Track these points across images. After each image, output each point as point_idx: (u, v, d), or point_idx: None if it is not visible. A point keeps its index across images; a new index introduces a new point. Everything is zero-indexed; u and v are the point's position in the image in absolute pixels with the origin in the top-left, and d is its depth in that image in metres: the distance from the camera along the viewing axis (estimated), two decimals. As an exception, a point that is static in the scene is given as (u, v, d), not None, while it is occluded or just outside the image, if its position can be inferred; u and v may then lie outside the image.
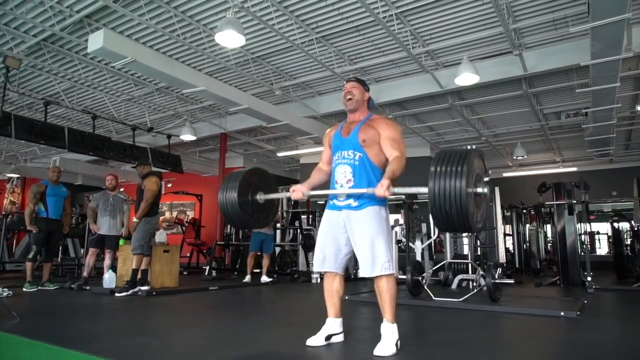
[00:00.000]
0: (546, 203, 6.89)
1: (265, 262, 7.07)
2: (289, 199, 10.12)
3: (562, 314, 3.68)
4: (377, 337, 2.42)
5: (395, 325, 2.40)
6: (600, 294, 5.71)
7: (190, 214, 14.57)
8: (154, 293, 5.13)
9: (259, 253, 7.27)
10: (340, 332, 2.62)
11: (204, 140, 11.82)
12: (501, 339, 3.18)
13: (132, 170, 13.14)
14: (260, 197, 2.77)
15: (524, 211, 10.40)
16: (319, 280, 7.57)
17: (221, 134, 10.77)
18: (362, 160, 2.49)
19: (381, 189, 2.26)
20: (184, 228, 12.00)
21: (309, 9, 5.91)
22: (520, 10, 5.89)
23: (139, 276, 5.27)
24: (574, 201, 6.42)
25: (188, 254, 11.38)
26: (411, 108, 9.53)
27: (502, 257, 7.30)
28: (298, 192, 2.63)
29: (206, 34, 6.45)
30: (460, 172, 1.99)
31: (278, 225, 9.08)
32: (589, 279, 6.04)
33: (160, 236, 6.05)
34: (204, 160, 13.90)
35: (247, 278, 6.92)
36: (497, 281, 4.33)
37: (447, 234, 6.24)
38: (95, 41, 5.44)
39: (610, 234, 10.38)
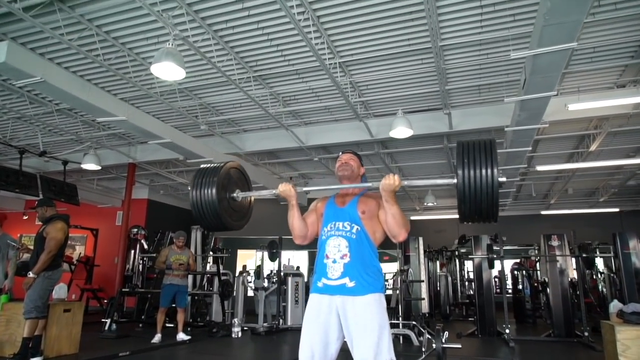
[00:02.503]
0: (471, 256, 7.19)
1: (181, 318, 6.25)
2: (204, 237, 9.36)
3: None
4: None
5: None
6: (522, 348, 5.97)
7: (80, 249, 12.83)
8: (50, 369, 4.17)
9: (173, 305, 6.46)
10: None
11: (106, 168, 10.56)
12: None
13: (8, 195, 11.27)
14: (238, 194, 2.52)
15: (436, 256, 10.89)
16: (239, 335, 6.95)
17: (129, 164, 9.72)
18: (360, 234, 2.23)
19: (390, 178, 2.13)
20: (72, 267, 10.45)
21: (251, 47, 5.62)
22: (453, 74, 6.24)
23: (30, 345, 4.27)
24: (495, 255, 6.80)
25: (74, 296, 9.91)
26: (336, 152, 9.54)
27: (425, 307, 7.43)
28: (286, 185, 2.38)
29: (131, 58, 5.77)
30: (489, 161, 2.04)
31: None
32: (507, 331, 6.35)
33: (60, 291, 5.05)
34: (102, 190, 12.42)
35: (157, 338, 5.96)
36: (445, 346, 4.27)
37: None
38: (-5, 54, 4.51)
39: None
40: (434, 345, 4.30)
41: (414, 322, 5.24)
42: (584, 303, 6.48)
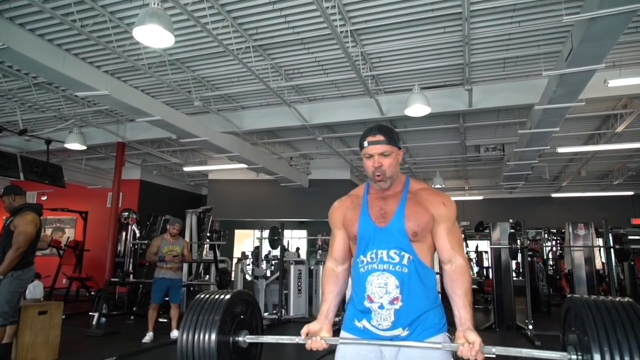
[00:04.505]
0: (493, 246, 6.62)
1: (175, 314, 5.68)
2: (200, 221, 8.76)
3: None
4: None
5: None
6: (548, 347, 5.46)
7: (69, 233, 12.23)
8: (21, 384, 3.61)
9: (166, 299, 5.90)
10: None
11: (93, 147, 9.85)
12: None
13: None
14: (245, 339, 1.71)
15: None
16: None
17: (118, 143, 9.02)
18: (413, 265, 1.58)
19: (468, 348, 1.45)
20: (61, 252, 9.87)
21: (250, 12, 4.90)
22: (478, 45, 5.55)
23: (-2, 355, 3.70)
24: (518, 246, 6.24)
25: (64, 281, 9.38)
26: (341, 132, 8.91)
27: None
28: (317, 342, 1.61)
29: (113, 24, 5.02)
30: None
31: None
32: (530, 327, 5.85)
33: (35, 290, 4.44)
34: (91, 170, 11.74)
35: (148, 337, 5.42)
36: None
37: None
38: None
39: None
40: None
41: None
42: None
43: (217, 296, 1.67)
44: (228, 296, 1.67)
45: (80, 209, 10.59)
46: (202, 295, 1.70)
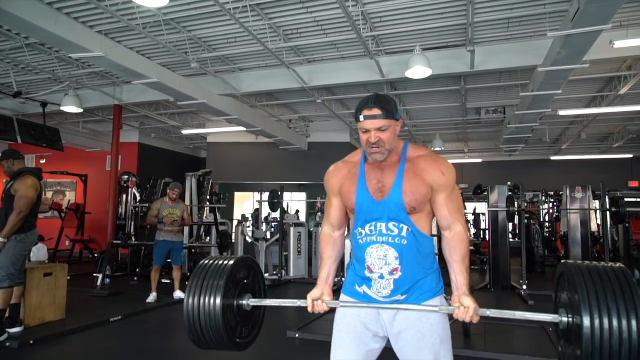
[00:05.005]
0: (490, 209, 6.69)
1: (177, 275, 5.81)
2: (200, 184, 8.78)
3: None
4: None
5: None
6: (541, 306, 5.62)
7: (70, 195, 12.30)
8: (31, 342, 3.72)
9: (168, 261, 6.02)
10: None
11: (90, 110, 9.74)
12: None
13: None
14: (249, 302, 1.74)
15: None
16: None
17: (115, 105, 8.91)
18: (411, 236, 1.58)
19: (463, 311, 1.48)
20: (62, 214, 9.96)
21: (247, -32, 4.72)
22: (481, 4, 5.38)
23: (6, 315, 3.81)
24: (515, 209, 6.30)
25: (67, 243, 9.53)
26: (341, 94, 8.80)
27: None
28: (319, 306, 1.66)
29: (105, -18, 4.86)
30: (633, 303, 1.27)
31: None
32: (524, 287, 6.00)
33: (39, 253, 4.52)
34: (89, 133, 11.66)
35: (152, 297, 5.58)
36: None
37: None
38: None
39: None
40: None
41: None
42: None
43: (221, 262, 1.70)
44: (231, 262, 1.70)
45: (80, 171, 10.61)
46: (206, 261, 1.73)
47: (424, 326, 1.58)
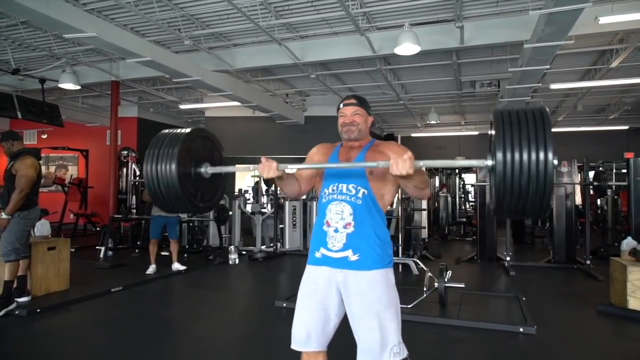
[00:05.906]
0: (480, 183, 6.88)
1: (174, 248, 6.08)
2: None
3: (520, 329, 3.55)
4: None
5: None
6: (522, 277, 5.89)
7: (72, 170, 12.56)
8: (38, 310, 4.01)
9: (166, 235, 6.29)
10: None
11: (88, 86, 9.85)
12: None
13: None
14: (207, 169, 2.03)
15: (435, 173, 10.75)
16: (237, 262, 6.90)
17: (112, 81, 9.02)
18: (367, 199, 1.87)
19: (398, 165, 1.57)
20: (66, 189, 10.24)
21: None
22: (470, -21, 5.42)
23: (14, 285, 4.10)
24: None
25: (71, 216, 9.83)
26: (335, 69, 8.86)
27: (424, 233, 7.32)
28: (271, 165, 1.84)
29: (95, -38, 4.93)
30: (541, 141, 1.48)
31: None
32: (508, 259, 6.26)
33: (42, 228, 4.78)
34: (89, 108, 11.80)
35: (151, 269, 5.87)
36: (447, 285, 4.11)
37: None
38: None
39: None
40: (436, 284, 4.14)
41: (414, 259, 5.13)
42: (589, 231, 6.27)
43: (176, 131, 1.95)
44: (186, 132, 1.95)
45: (81, 147, 10.82)
46: (163, 132, 1.98)
47: (371, 294, 1.81)
